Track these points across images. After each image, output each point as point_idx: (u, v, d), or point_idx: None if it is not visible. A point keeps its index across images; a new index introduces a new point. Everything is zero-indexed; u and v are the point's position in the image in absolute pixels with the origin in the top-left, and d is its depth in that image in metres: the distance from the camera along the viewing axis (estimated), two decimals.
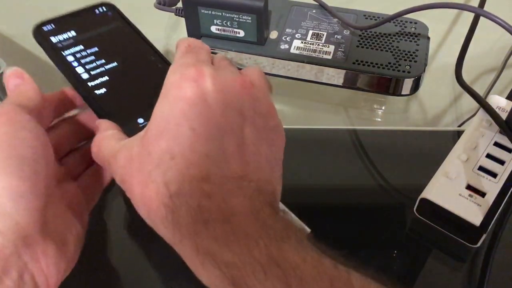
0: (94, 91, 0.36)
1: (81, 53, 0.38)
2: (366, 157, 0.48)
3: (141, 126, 0.34)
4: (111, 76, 0.37)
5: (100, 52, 0.38)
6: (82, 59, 0.37)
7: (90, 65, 0.37)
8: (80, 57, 0.38)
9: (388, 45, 0.49)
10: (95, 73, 0.37)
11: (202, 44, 0.32)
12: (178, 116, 0.26)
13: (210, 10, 0.48)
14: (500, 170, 0.39)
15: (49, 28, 0.38)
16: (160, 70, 0.37)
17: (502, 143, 0.41)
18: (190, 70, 0.27)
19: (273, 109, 0.30)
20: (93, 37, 0.39)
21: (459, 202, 0.38)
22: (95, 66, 0.37)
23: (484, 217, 0.37)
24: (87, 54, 0.38)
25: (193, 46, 0.31)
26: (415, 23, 0.51)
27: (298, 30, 0.51)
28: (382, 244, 0.41)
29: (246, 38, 0.49)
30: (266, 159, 0.28)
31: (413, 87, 0.48)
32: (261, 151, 0.28)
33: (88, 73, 0.37)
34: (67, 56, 0.37)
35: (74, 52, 0.38)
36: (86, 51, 0.38)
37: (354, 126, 0.52)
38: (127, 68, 0.38)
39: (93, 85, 0.36)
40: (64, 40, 0.38)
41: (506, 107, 0.43)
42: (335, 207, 0.44)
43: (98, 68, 0.37)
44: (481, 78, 0.57)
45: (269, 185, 0.28)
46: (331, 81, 0.49)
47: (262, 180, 0.27)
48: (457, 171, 0.40)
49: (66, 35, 0.38)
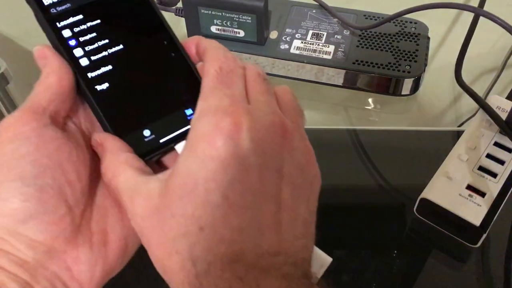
0: (94, 86, 0.29)
1: (80, 26, 0.30)
2: (366, 157, 0.47)
3: (147, 140, 0.29)
4: (115, 65, 0.30)
5: (104, 27, 0.30)
6: (81, 36, 0.30)
7: (90, 46, 0.30)
8: (78, 32, 0.30)
9: (388, 45, 0.49)
10: (96, 59, 0.30)
11: (235, 64, 0.27)
12: (209, 179, 0.23)
13: (210, 10, 0.48)
14: (500, 170, 0.39)
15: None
16: (174, 62, 0.31)
17: (502, 143, 0.41)
18: (226, 121, 0.23)
19: (311, 155, 0.27)
20: (95, 3, 0.30)
21: (459, 202, 0.38)
22: (97, 48, 0.30)
23: (484, 217, 0.37)
24: (87, 29, 0.30)
25: (227, 70, 0.27)
26: (415, 23, 0.51)
27: (298, 30, 0.51)
28: (382, 244, 0.41)
29: (246, 38, 0.49)
30: (303, 221, 0.25)
31: (413, 87, 0.48)
32: (299, 213, 0.25)
33: (88, 58, 0.29)
34: (62, 29, 0.29)
35: (71, 23, 0.30)
36: (86, 25, 0.30)
37: (354, 126, 0.52)
38: (136, 55, 0.30)
39: (93, 77, 0.29)
40: (59, 2, 0.30)
41: (506, 107, 0.43)
42: (335, 207, 0.44)
43: (101, 52, 0.30)
44: (481, 78, 0.57)
45: (305, 251, 0.25)
46: (331, 81, 0.49)
47: (298, 249, 0.25)
48: (457, 171, 0.40)
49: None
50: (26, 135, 0.26)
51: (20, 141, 0.26)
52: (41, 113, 0.27)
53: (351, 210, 0.44)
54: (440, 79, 0.56)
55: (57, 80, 0.27)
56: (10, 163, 0.25)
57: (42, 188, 0.25)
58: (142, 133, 0.29)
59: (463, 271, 0.40)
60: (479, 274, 0.39)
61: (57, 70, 0.28)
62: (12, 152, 0.25)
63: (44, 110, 0.27)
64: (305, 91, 0.54)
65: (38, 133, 0.26)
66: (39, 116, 0.26)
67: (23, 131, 0.26)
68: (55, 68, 0.28)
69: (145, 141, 0.29)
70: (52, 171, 0.26)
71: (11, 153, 0.25)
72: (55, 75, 0.28)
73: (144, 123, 0.29)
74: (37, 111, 0.26)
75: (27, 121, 0.26)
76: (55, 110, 0.27)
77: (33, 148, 0.26)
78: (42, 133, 0.26)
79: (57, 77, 0.28)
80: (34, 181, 0.25)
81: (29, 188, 0.25)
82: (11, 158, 0.25)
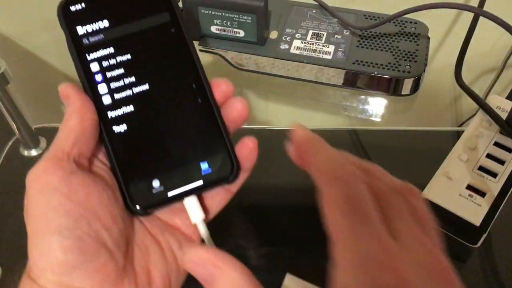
0: (112, 127, 0.28)
1: (110, 60, 0.28)
2: (366, 157, 0.47)
3: (155, 192, 0.28)
4: (137, 107, 0.28)
5: (133, 63, 0.28)
6: (108, 71, 0.28)
7: (115, 84, 0.28)
8: (107, 67, 0.28)
9: (388, 45, 0.49)
10: (119, 98, 0.28)
11: (357, 181, 0.23)
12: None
13: (210, 10, 0.48)
14: (500, 170, 0.39)
15: (77, 8, 0.27)
16: (199, 109, 0.29)
17: (502, 143, 0.41)
18: (385, 278, 0.20)
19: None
20: (129, 36, 0.28)
21: (459, 202, 0.38)
22: (122, 86, 0.28)
23: (484, 217, 0.37)
24: (115, 65, 0.28)
25: (354, 195, 0.22)
26: (415, 23, 0.51)
27: (298, 30, 0.51)
28: None
29: (246, 38, 0.49)
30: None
31: (413, 87, 0.48)
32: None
33: (111, 96, 0.28)
34: (91, 62, 0.28)
35: (100, 57, 0.28)
36: (115, 59, 0.28)
37: (354, 126, 0.52)
38: (160, 98, 0.28)
39: (112, 117, 0.28)
40: (93, 33, 0.28)
41: (506, 107, 0.43)
42: None
43: (125, 91, 0.28)
44: (481, 78, 0.57)
45: None
46: (331, 81, 0.49)
47: None
48: (457, 171, 0.40)
49: (97, 25, 0.28)
50: (55, 186, 0.25)
51: (50, 192, 0.25)
52: (66, 159, 0.26)
53: None
54: (440, 79, 0.56)
55: (79, 121, 0.27)
56: (46, 216, 0.25)
57: (80, 238, 0.25)
58: (151, 183, 0.28)
59: (463, 271, 0.40)
60: (479, 274, 0.39)
61: (78, 110, 0.27)
62: (46, 204, 0.25)
63: (68, 155, 0.26)
64: (305, 91, 0.54)
65: (66, 182, 0.26)
66: (64, 163, 0.26)
67: (50, 182, 0.26)
68: (77, 108, 0.27)
69: (152, 192, 0.28)
70: (86, 219, 0.26)
71: (44, 205, 0.25)
72: (77, 116, 0.27)
73: (155, 173, 0.28)
74: (62, 158, 0.26)
75: (53, 170, 0.26)
76: (79, 153, 0.27)
77: (64, 198, 0.25)
78: (70, 181, 0.26)
79: (79, 117, 0.27)
80: (71, 233, 0.25)
81: (68, 241, 0.25)
82: (46, 210, 0.25)
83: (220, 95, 0.30)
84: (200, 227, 0.30)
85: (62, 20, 0.27)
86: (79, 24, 0.27)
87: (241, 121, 0.30)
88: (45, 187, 0.25)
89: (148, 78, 0.28)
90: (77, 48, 0.27)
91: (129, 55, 0.28)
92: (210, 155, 0.29)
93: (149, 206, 0.28)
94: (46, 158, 0.26)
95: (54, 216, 0.25)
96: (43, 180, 0.26)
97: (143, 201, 0.28)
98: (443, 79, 0.56)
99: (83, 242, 0.25)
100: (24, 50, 0.60)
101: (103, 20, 0.27)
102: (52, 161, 0.26)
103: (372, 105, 0.54)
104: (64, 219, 0.25)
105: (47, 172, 0.26)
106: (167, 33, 0.29)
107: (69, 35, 0.27)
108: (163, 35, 0.28)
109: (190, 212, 0.29)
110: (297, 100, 0.56)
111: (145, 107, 0.28)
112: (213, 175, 0.29)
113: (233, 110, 0.30)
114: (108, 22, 0.27)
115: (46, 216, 0.25)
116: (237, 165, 0.30)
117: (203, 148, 0.29)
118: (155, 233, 0.29)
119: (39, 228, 0.25)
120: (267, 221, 0.43)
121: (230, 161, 0.29)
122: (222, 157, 0.29)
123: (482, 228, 0.36)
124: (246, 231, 0.42)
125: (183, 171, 0.29)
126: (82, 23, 0.27)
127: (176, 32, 0.29)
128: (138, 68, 0.28)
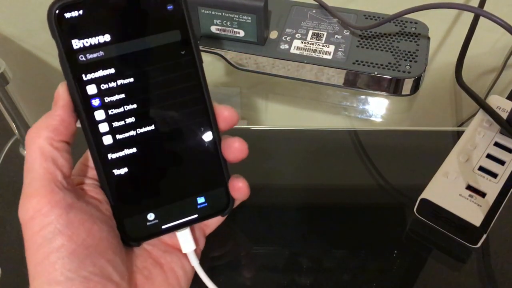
0: (107, 155, 0.25)
1: (109, 84, 0.24)
2: (366, 157, 0.47)
3: (149, 224, 0.27)
4: (136, 136, 0.25)
5: (135, 87, 0.25)
6: (107, 96, 0.24)
7: (115, 110, 0.24)
8: (105, 91, 0.24)
9: (388, 45, 0.49)
10: (117, 126, 0.25)
11: None
12: None
13: (210, 10, 0.48)
14: (501, 170, 0.39)
15: (74, 15, 0.23)
16: (201, 143, 0.27)
17: (502, 143, 0.41)
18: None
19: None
20: (132, 56, 0.24)
21: (459, 202, 0.38)
22: (121, 113, 0.25)
23: (484, 217, 0.37)
24: (116, 88, 0.24)
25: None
26: (415, 23, 0.51)
27: (298, 30, 0.51)
28: (382, 244, 0.41)
29: (246, 38, 0.49)
30: None
31: (413, 87, 0.48)
32: None
33: (109, 124, 0.25)
34: (88, 84, 0.24)
35: (99, 78, 0.24)
36: (116, 82, 0.24)
37: (354, 126, 0.52)
38: (162, 128, 0.26)
39: (108, 145, 0.25)
40: (91, 48, 0.23)
41: (506, 107, 0.43)
42: (336, 207, 0.44)
43: (124, 119, 0.25)
44: (481, 78, 0.57)
45: None
46: (331, 81, 0.49)
47: None
48: (457, 171, 0.40)
49: (96, 39, 0.23)
50: (55, 227, 0.24)
51: (51, 234, 0.24)
52: (57, 190, 0.25)
53: (351, 210, 0.44)
54: (440, 79, 0.56)
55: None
56: (49, 260, 0.24)
57: (86, 277, 0.25)
58: (146, 216, 0.27)
59: (463, 271, 0.40)
60: (479, 274, 0.39)
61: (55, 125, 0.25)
62: (48, 245, 0.25)
63: (61, 183, 0.25)
64: (305, 91, 0.54)
65: (66, 221, 0.25)
66: (59, 197, 0.25)
67: (49, 222, 0.25)
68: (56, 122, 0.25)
69: (146, 225, 0.27)
70: (90, 258, 0.25)
71: (47, 246, 0.25)
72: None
73: (151, 207, 0.27)
74: (53, 190, 0.25)
75: (50, 209, 0.24)
76: (68, 174, 0.26)
77: (66, 239, 0.25)
78: (70, 219, 0.25)
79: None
80: (77, 274, 0.25)
81: (74, 281, 0.24)
82: (50, 251, 0.24)
83: (223, 122, 0.28)
84: (191, 258, 0.30)
85: (55, 29, 0.23)
86: (75, 36, 0.23)
87: (238, 160, 0.29)
88: (43, 229, 0.25)
89: (150, 107, 0.25)
90: (71, 65, 0.24)
91: (132, 79, 0.25)
92: (208, 190, 0.28)
93: (143, 239, 0.28)
94: (36, 193, 0.25)
95: (59, 257, 0.24)
96: (39, 222, 0.25)
97: (137, 234, 0.28)
98: (443, 79, 0.56)
99: (90, 281, 0.25)
100: (24, 50, 0.60)
101: (104, 34, 0.23)
102: (46, 197, 0.25)
103: (372, 105, 0.54)
104: (68, 261, 0.24)
105: (42, 212, 0.25)
106: (176, 55, 0.25)
107: (62, 48, 0.23)
108: (171, 57, 0.25)
109: (182, 243, 0.29)
110: (297, 100, 0.56)
111: (145, 137, 0.26)
112: (208, 209, 0.29)
113: (231, 149, 0.28)
114: (109, 37, 0.23)
115: (49, 260, 0.24)
116: (232, 199, 0.29)
117: (201, 183, 0.28)
118: (156, 256, 0.29)
119: (46, 269, 0.24)
120: (267, 221, 0.43)
121: (227, 196, 0.29)
122: (219, 192, 0.29)
123: (482, 229, 0.36)
124: (245, 232, 0.42)
125: (179, 205, 0.28)
126: (79, 36, 0.23)
127: (186, 54, 0.25)
128: (139, 95, 0.25)
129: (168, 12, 0.24)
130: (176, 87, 0.26)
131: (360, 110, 0.55)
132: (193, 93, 0.26)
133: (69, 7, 0.23)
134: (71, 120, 0.25)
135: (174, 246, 0.30)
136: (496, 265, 0.39)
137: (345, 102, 0.55)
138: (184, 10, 0.25)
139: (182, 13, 0.25)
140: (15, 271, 0.41)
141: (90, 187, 0.28)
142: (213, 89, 0.56)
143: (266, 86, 0.56)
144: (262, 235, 0.42)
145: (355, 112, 0.55)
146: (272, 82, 0.52)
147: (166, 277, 0.29)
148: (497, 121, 0.41)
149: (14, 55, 0.60)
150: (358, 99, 0.54)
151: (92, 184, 0.28)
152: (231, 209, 0.30)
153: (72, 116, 0.25)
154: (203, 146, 0.27)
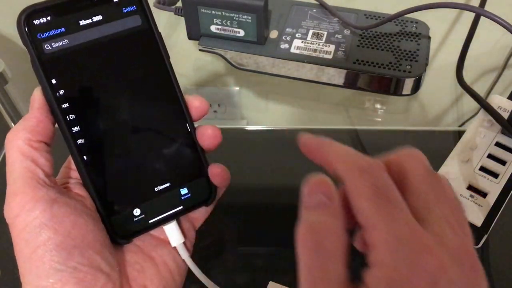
0: (93, 169, 0.27)
1: (79, 82, 0.26)
2: None
3: (136, 220, 0.28)
4: (119, 145, 0.27)
5: (105, 78, 0.27)
6: (78, 94, 0.26)
7: (93, 120, 0.26)
8: (76, 91, 0.26)
9: (388, 44, 0.49)
10: (98, 136, 0.27)
11: (389, 183, 0.22)
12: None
13: (210, 9, 0.48)
14: (502, 170, 0.39)
15: (42, 22, 0.26)
16: (177, 132, 0.28)
17: (503, 143, 0.41)
18: (425, 258, 0.19)
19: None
20: (102, 42, 0.26)
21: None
22: (99, 123, 0.27)
23: (485, 217, 0.36)
24: (86, 88, 0.26)
25: (381, 185, 0.22)
26: (416, 23, 0.51)
27: (298, 30, 0.51)
28: None
29: (246, 37, 0.49)
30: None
31: (414, 87, 0.48)
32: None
33: (88, 133, 0.26)
34: (58, 85, 0.26)
35: (66, 68, 0.26)
36: (86, 79, 0.26)
37: (354, 126, 0.52)
38: (137, 121, 0.27)
39: (92, 158, 0.27)
40: (58, 46, 0.26)
41: (507, 107, 0.43)
42: None
43: (105, 128, 0.27)
44: (482, 78, 0.57)
45: None
46: (331, 81, 0.49)
47: None
48: (458, 171, 0.39)
49: (62, 38, 0.26)
50: (40, 221, 0.25)
51: (37, 228, 0.25)
52: (41, 186, 0.25)
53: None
54: (441, 79, 0.56)
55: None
56: (37, 253, 0.25)
57: (75, 268, 0.25)
58: (132, 212, 0.28)
59: None
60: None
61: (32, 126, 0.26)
62: (35, 240, 0.25)
63: (44, 180, 0.26)
64: (305, 91, 0.54)
65: (50, 215, 0.25)
66: (42, 193, 0.25)
67: (34, 217, 0.25)
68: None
69: (133, 220, 0.28)
70: (78, 249, 0.25)
71: (33, 241, 0.25)
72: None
73: (136, 202, 0.28)
74: (36, 186, 0.25)
75: (33, 205, 0.25)
76: (51, 173, 0.26)
77: (52, 232, 0.25)
78: (54, 213, 0.25)
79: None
80: (65, 266, 0.25)
81: (64, 273, 0.25)
82: (37, 246, 0.25)
83: (195, 112, 0.29)
84: (181, 250, 0.30)
85: (25, 35, 0.26)
86: (43, 40, 0.25)
87: (213, 146, 0.30)
88: (29, 225, 0.25)
89: (123, 102, 0.27)
90: (43, 66, 0.26)
91: (100, 76, 0.26)
92: (189, 180, 0.29)
93: (132, 235, 0.28)
94: (19, 191, 0.25)
95: (46, 251, 0.25)
96: (24, 218, 0.25)
97: (126, 231, 0.28)
98: (444, 79, 0.56)
99: (79, 272, 0.25)
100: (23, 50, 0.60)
101: (68, 29, 0.25)
102: (29, 194, 0.25)
103: (373, 105, 0.54)
104: (55, 253, 0.25)
105: (26, 208, 0.25)
106: (140, 42, 0.27)
107: (34, 53, 0.26)
108: (134, 44, 0.27)
109: (170, 237, 0.30)
110: (297, 100, 0.56)
111: (120, 133, 0.27)
112: (192, 199, 0.30)
113: (205, 137, 0.29)
114: (74, 29, 0.25)
115: (37, 254, 0.25)
116: (214, 187, 0.30)
117: (182, 174, 0.29)
118: (147, 250, 0.30)
119: (35, 263, 0.25)
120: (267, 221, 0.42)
121: (209, 185, 0.30)
122: (201, 181, 0.30)
123: (483, 229, 0.36)
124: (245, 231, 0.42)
125: (163, 198, 0.29)
126: (47, 38, 0.25)
127: (149, 40, 0.27)
128: (112, 91, 0.27)
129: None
130: (145, 77, 0.27)
131: (360, 110, 0.55)
132: (164, 85, 0.28)
133: (35, 13, 0.26)
134: (47, 121, 0.26)
135: (165, 240, 0.30)
136: (497, 265, 0.39)
137: (345, 102, 0.55)
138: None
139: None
140: (15, 271, 0.41)
141: (74, 185, 0.28)
142: (213, 89, 0.56)
143: (266, 86, 0.55)
144: (262, 235, 0.42)
145: (355, 112, 0.55)
146: (272, 82, 0.52)
147: (158, 270, 0.29)
148: (498, 121, 0.41)
149: (13, 55, 0.60)
150: (358, 99, 0.54)
151: (76, 182, 0.28)
152: (214, 198, 0.30)
153: (48, 117, 0.26)
154: (179, 137, 0.28)
